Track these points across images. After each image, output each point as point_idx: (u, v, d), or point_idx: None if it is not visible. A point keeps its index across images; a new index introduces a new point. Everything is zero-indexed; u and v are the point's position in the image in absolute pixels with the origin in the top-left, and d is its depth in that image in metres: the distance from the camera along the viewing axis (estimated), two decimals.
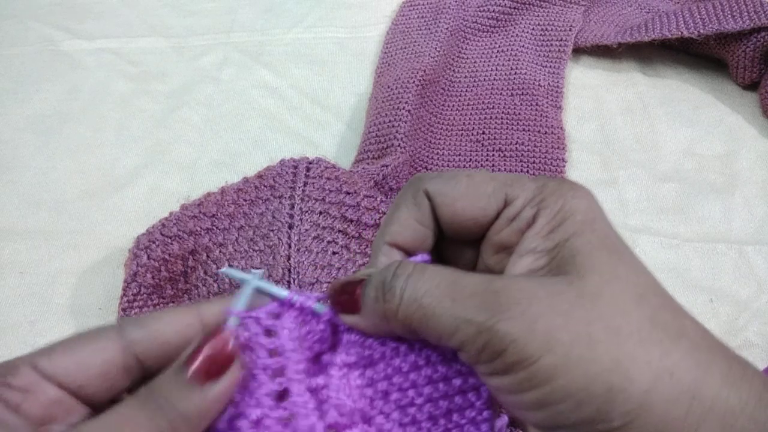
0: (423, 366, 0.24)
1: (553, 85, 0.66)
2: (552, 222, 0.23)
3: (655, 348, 0.21)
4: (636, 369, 0.20)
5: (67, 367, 0.23)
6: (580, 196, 0.24)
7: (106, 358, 0.24)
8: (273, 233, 0.46)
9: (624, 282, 0.22)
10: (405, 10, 0.75)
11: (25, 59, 0.71)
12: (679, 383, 0.20)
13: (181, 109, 0.66)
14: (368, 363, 0.25)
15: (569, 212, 0.23)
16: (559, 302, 0.21)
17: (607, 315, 0.21)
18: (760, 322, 0.47)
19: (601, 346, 0.20)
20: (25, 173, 0.59)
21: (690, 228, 0.54)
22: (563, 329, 0.21)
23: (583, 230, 0.23)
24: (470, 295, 0.22)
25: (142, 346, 0.24)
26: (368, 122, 0.61)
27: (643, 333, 0.21)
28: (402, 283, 0.23)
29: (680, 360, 0.21)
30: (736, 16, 0.63)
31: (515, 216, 0.24)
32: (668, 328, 0.21)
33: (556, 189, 0.24)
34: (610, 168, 0.59)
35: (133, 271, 0.46)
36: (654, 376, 0.20)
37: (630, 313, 0.21)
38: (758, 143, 0.60)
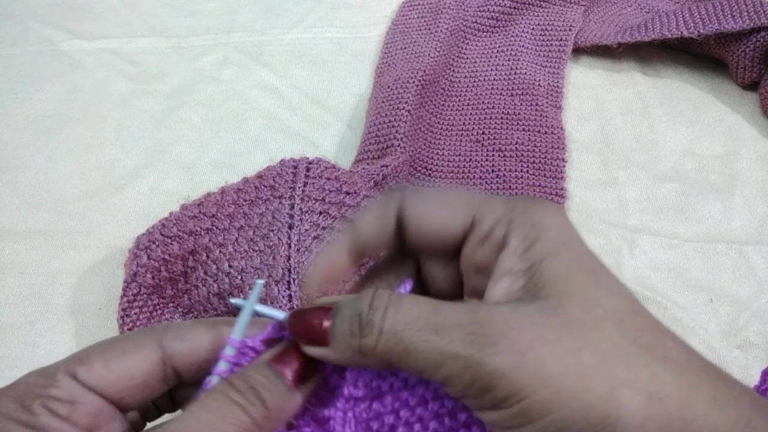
0: (430, 400, 0.24)
1: (553, 85, 0.66)
2: (525, 242, 0.23)
3: (643, 372, 0.20)
4: (629, 396, 0.20)
5: (109, 378, 0.23)
6: (551, 214, 0.24)
7: (147, 369, 0.24)
8: (273, 233, 0.46)
9: (604, 307, 0.21)
10: (405, 10, 0.75)
11: (25, 59, 0.71)
12: (669, 408, 0.20)
13: (181, 109, 0.66)
14: (376, 395, 0.24)
15: (541, 230, 0.23)
16: (545, 332, 0.21)
17: (594, 342, 0.21)
18: (760, 322, 0.47)
19: (592, 374, 0.20)
20: (25, 173, 0.59)
21: (690, 228, 0.54)
22: (553, 360, 0.20)
23: (558, 250, 0.22)
24: (454, 327, 0.21)
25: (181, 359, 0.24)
26: (368, 122, 0.61)
27: (630, 357, 0.21)
28: (380, 316, 0.21)
29: (669, 383, 0.20)
30: (736, 16, 0.63)
31: (487, 236, 0.24)
32: (653, 350, 0.21)
33: (526, 208, 0.24)
34: (610, 168, 0.59)
35: (133, 271, 0.46)
36: (646, 402, 0.20)
37: (614, 338, 0.21)
38: (758, 143, 0.60)
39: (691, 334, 0.47)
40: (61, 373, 0.23)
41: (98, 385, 0.23)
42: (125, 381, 0.23)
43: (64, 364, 0.23)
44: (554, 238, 0.23)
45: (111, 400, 0.23)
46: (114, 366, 0.23)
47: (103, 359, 0.23)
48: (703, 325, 0.47)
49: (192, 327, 0.25)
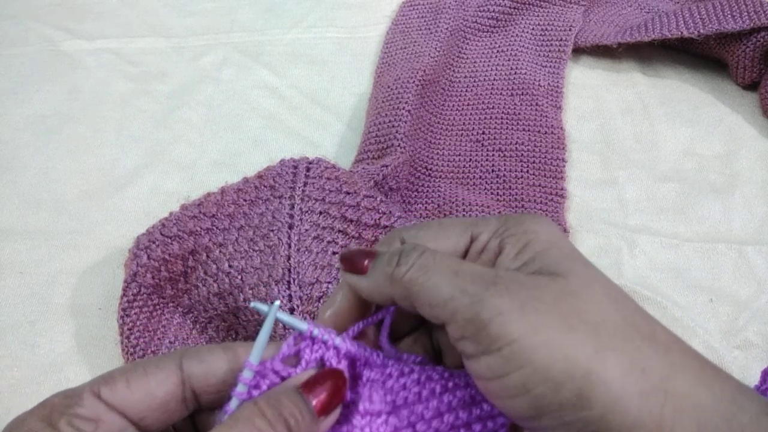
0: (445, 413, 0.24)
1: (553, 85, 0.66)
2: (518, 245, 0.25)
3: (628, 344, 0.22)
4: (613, 359, 0.21)
5: (132, 398, 0.24)
6: (541, 222, 0.26)
7: (168, 389, 0.24)
8: (273, 233, 0.46)
9: (600, 285, 0.24)
10: (405, 10, 0.75)
11: (25, 59, 0.71)
12: (651, 378, 0.21)
13: (181, 109, 0.66)
14: (391, 410, 0.25)
15: (532, 234, 0.25)
16: (544, 294, 0.23)
17: (586, 311, 0.22)
18: (760, 322, 0.47)
19: (580, 334, 0.22)
20: (25, 173, 0.59)
21: (690, 228, 0.54)
22: (546, 314, 0.22)
23: (550, 247, 0.25)
24: (471, 272, 0.24)
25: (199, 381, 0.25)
26: (368, 122, 0.61)
27: (618, 330, 0.22)
28: (417, 254, 0.25)
29: (653, 358, 0.22)
30: (736, 16, 0.63)
31: (483, 248, 0.26)
32: (641, 329, 0.23)
33: (517, 219, 0.26)
34: (610, 168, 0.59)
35: (133, 271, 0.46)
36: (629, 368, 0.21)
37: (606, 311, 0.23)
38: (758, 143, 0.60)
39: (691, 334, 0.47)
40: (87, 393, 0.23)
41: (121, 404, 0.24)
42: (147, 401, 0.24)
43: (90, 384, 0.24)
44: (545, 239, 0.25)
45: (133, 420, 0.24)
46: (136, 386, 0.24)
47: (126, 380, 0.24)
48: (703, 325, 0.47)
49: (210, 350, 0.26)
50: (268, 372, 0.25)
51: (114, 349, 0.46)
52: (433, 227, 0.28)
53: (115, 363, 0.46)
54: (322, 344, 0.26)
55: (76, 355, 0.47)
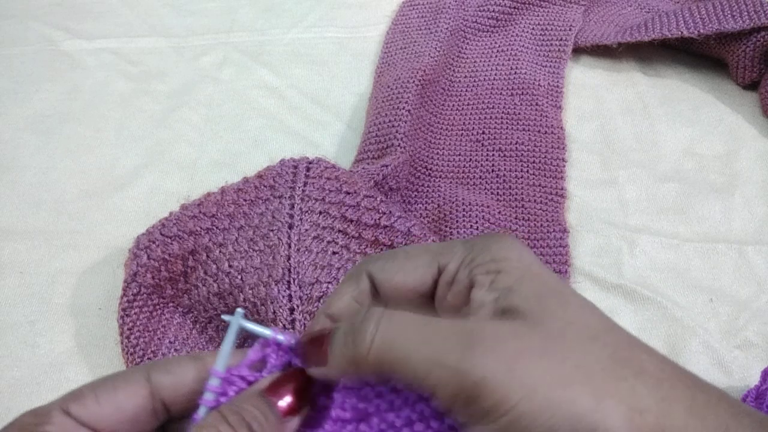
0: (416, 421, 0.24)
1: (553, 85, 0.66)
2: (489, 275, 0.24)
3: (622, 385, 0.21)
4: (613, 408, 0.20)
5: (101, 413, 0.24)
6: (508, 246, 0.25)
7: (137, 402, 0.24)
8: (273, 233, 0.46)
9: (577, 325, 0.22)
10: (405, 10, 0.75)
11: (25, 59, 0.71)
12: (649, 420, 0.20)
13: (181, 109, 0.66)
14: (362, 417, 0.24)
15: (502, 262, 0.24)
16: (530, 343, 0.21)
17: (574, 356, 0.21)
18: (760, 322, 0.47)
19: (578, 385, 0.20)
20: (25, 173, 0.59)
21: (690, 228, 0.54)
22: (539, 371, 0.20)
23: (522, 276, 0.23)
24: (442, 336, 0.21)
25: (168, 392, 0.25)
26: (368, 122, 0.61)
27: (608, 372, 0.21)
28: (372, 326, 0.22)
29: (647, 396, 0.21)
30: (736, 16, 0.63)
31: (452, 280, 0.25)
32: (629, 364, 0.21)
33: (483, 245, 0.25)
34: (610, 168, 0.59)
35: (133, 271, 0.46)
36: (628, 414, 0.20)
37: (593, 353, 0.21)
38: (758, 143, 0.60)
39: (691, 334, 0.47)
40: (56, 411, 0.23)
41: (91, 420, 0.23)
42: (116, 415, 0.24)
43: (59, 401, 0.24)
44: (516, 266, 0.24)
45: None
46: (105, 401, 0.24)
47: (95, 395, 0.24)
48: (703, 325, 0.47)
49: (177, 361, 0.26)
50: (234, 379, 0.25)
51: (114, 349, 0.46)
52: (398, 258, 0.27)
53: (115, 363, 0.46)
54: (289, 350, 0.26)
55: (76, 355, 0.47)
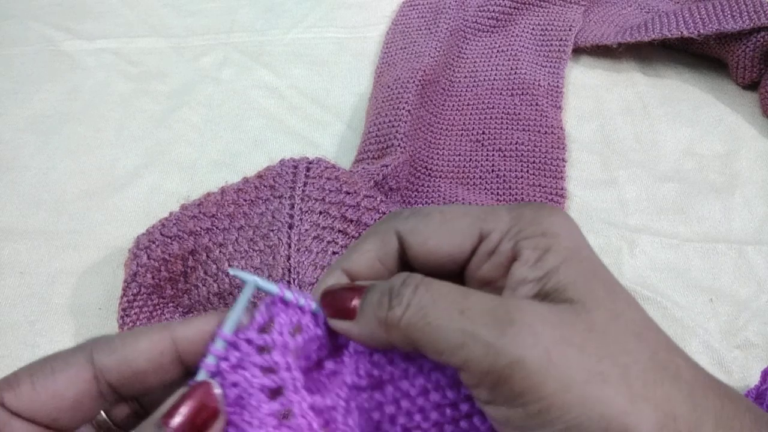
0: (431, 390, 0.23)
1: (553, 85, 0.66)
2: (536, 251, 0.22)
3: (658, 390, 0.20)
4: (648, 412, 0.20)
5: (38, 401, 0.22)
6: (560, 222, 0.23)
7: (78, 388, 0.22)
8: (273, 233, 0.46)
9: (624, 319, 0.21)
10: (405, 10, 0.75)
11: (25, 59, 0.71)
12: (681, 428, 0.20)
13: (181, 109, 0.66)
14: (376, 385, 0.24)
15: (552, 238, 0.22)
16: (572, 333, 0.20)
17: (615, 353, 0.20)
18: (760, 322, 0.47)
19: (614, 385, 0.20)
20: (25, 173, 0.59)
21: (690, 228, 0.54)
22: (578, 364, 0.20)
23: (571, 258, 0.22)
24: (480, 309, 0.20)
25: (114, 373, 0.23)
26: (368, 122, 0.61)
27: (647, 374, 0.20)
28: (410, 291, 0.22)
29: (681, 404, 0.20)
30: (736, 16, 0.63)
31: (493, 250, 0.23)
32: (667, 368, 0.21)
33: (533, 217, 0.23)
34: (610, 168, 0.59)
35: (133, 271, 0.46)
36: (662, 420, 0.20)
37: (633, 352, 0.21)
38: (758, 143, 0.60)
39: (691, 334, 0.47)
40: None
41: (27, 409, 0.22)
42: (55, 402, 0.22)
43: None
44: (566, 245, 0.22)
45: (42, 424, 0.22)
46: (42, 387, 0.22)
47: (31, 381, 0.22)
48: (703, 325, 0.47)
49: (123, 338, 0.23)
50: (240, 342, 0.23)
51: None
52: (434, 219, 0.24)
53: None
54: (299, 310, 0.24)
55: None
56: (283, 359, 0.23)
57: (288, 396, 0.23)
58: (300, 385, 0.23)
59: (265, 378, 0.23)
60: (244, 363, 0.23)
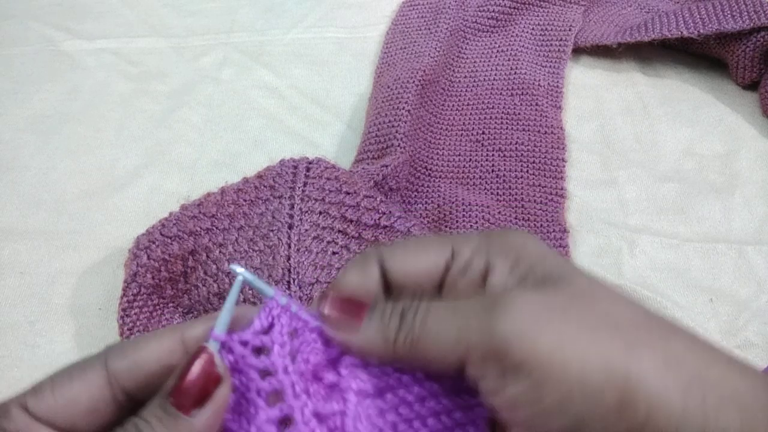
0: (427, 398, 0.24)
1: (553, 85, 0.66)
2: (508, 261, 0.24)
3: (655, 337, 0.20)
4: (646, 355, 0.20)
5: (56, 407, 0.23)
6: (524, 236, 0.25)
7: (93, 393, 0.23)
8: (273, 233, 0.46)
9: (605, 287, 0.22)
10: (405, 10, 0.75)
11: (25, 59, 0.71)
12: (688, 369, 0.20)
13: (181, 109, 0.66)
14: (377, 393, 0.24)
15: (521, 248, 0.24)
16: (555, 301, 0.21)
17: (603, 310, 0.21)
18: (760, 322, 0.47)
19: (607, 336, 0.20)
20: (25, 173, 0.59)
21: (690, 228, 0.54)
22: (565, 323, 0.20)
23: (545, 257, 0.23)
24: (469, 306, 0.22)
25: (126, 378, 0.24)
26: (368, 122, 0.61)
27: (641, 325, 0.21)
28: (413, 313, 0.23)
29: (684, 350, 0.20)
30: (736, 16, 0.63)
31: (466, 267, 0.25)
32: (662, 324, 0.21)
33: (501, 234, 0.25)
34: (610, 168, 0.59)
35: (133, 271, 0.46)
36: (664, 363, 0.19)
37: (624, 310, 0.21)
38: (758, 143, 0.60)
39: None
40: (14, 406, 0.23)
41: (47, 415, 0.23)
42: (72, 408, 0.23)
43: (18, 396, 0.23)
44: (536, 252, 0.24)
45: (63, 428, 0.23)
46: (60, 394, 0.23)
47: (52, 388, 0.23)
48: (703, 325, 0.47)
49: (135, 343, 0.24)
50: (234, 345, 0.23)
51: None
52: (410, 245, 0.26)
53: None
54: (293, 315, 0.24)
55: (76, 355, 0.47)
56: (281, 360, 0.23)
57: (288, 401, 0.23)
58: (300, 389, 0.23)
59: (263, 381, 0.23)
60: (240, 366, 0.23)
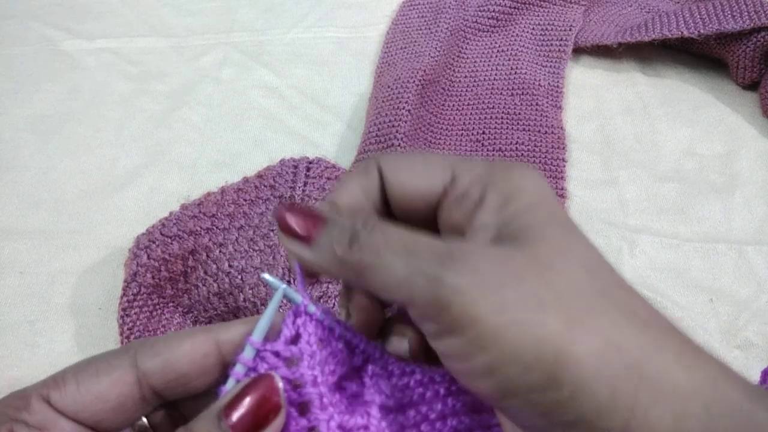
0: (449, 416, 0.24)
1: (553, 85, 0.66)
2: (500, 198, 0.23)
3: (602, 319, 0.20)
4: (585, 337, 0.19)
5: (82, 402, 0.22)
6: (529, 176, 0.24)
7: (121, 391, 0.23)
8: (273, 233, 0.46)
9: (575, 255, 0.21)
10: (405, 10, 0.75)
11: (25, 59, 0.71)
12: (626, 358, 0.19)
13: (181, 109, 0.66)
14: (399, 409, 0.24)
15: (518, 189, 0.23)
16: (509, 265, 0.21)
17: (557, 283, 0.20)
18: (760, 322, 0.47)
19: (550, 311, 0.20)
20: (25, 173, 0.59)
21: (690, 228, 0.54)
22: (512, 290, 0.20)
23: (534, 205, 0.22)
24: (426, 248, 0.21)
25: (157, 377, 0.23)
26: (368, 122, 0.61)
27: (592, 304, 0.20)
28: (366, 231, 0.22)
29: (630, 335, 0.20)
30: (736, 16, 0.63)
31: (463, 194, 0.24)
32: (618, 303, 0.21)
33: (504, 168, 0.24)
34: (610, 168, 0.59)
35: (133, 271, 0.46)
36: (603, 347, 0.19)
37: (580, 284, 0.21)
38: (758, 143, 0.60)
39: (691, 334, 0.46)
40: (35, 397, 0.22)
41: (71, 409, 0.22)
42: (99, 404, 0.22)
43: (40, 386, 0.23)
44: (530, 195, 0.23)
45: (86, 425, 0.23)
46: (86, 389, 0.22)
47: (77, 382, 0.22)
48: (703, 325, 0.47)
49: (165, 340, 0.24)
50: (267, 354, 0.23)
51: None
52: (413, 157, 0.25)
53: None
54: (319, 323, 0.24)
55: (76, 355, 0.47)
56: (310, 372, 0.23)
57: (315, 413, 0.23)
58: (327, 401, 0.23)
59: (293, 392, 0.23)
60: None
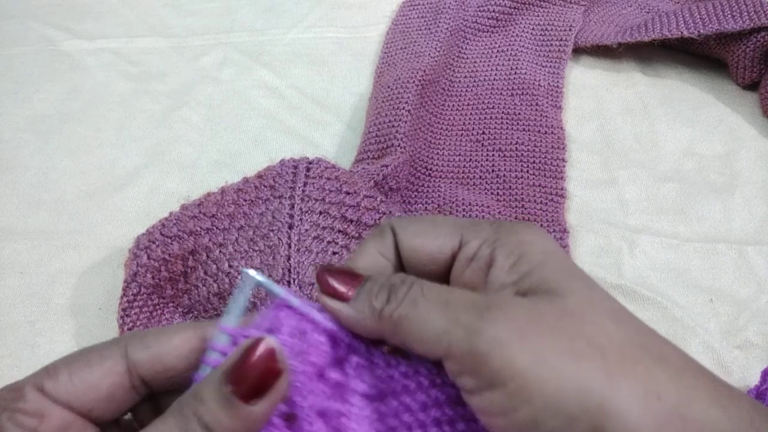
0: (431, 407, 0.24)
1: (553, 85, 0.66)
2: (511, 257, 0.24)
3: (639, 368, 0.20)
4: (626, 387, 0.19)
5: (74, 391, 0.23)
6: (534, 233, 0.25)
7: (113, 380, 0.24)
8: (273, 233, 0.46)
9: (601, 305, 0.22)
10: (405, 10, 0.75)
11: (25, 59, 0.71)
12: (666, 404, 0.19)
13: (181, 109, 0.66)
14: (380, 396, 0.24)
15: (527, 245, 0.24)
16: (544, 316, 0.21)
17: (590, 333, 0.21)
18: (760, 322, 0.47)
19: (589, 361, 0.20)
20: (25, 173, 0.59)
21: (690, 228, 0.54)
22: (550, 341, 0.20)
23: (546, 260, 0.23)
24: (462, 300, 0.22)
25: (146, 369, 0.24)
26: (368, 122, 0.61)
27: (626, 353, 0.20)
28: (406, 287, 0.23)
29: (666, 381, 0.20)
30: (736, 16, 0.63)
31: (473, 256, 0.25)
32: (650, 350, 0.21)
33: (511, 228, 0.25)
34: (610, 168, 0.59)
35: (133, 271, 0.46)
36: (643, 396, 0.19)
37: (612, 333, 0.21)
38: (758, 143, 0.60)
39: (691, 334, 0.47)
40: (29, 387, 0.23)
41: (65, 398, 0.23)
42: (91, 393, 0.23)
43: (33, 377, 0.23)
44: (540, 251, 0.24)
45: (79, 413, 0.23)
46: (78, 379, 0.23)
47: (69, 372, 0.23)
48: (703, 325, 0.47)
49: (156, 334, 0.25)
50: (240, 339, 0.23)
51: None
52: (424, 222, 0.27)
53: None
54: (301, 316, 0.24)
55: None
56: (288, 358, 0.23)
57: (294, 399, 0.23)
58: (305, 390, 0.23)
59: None
60: None
